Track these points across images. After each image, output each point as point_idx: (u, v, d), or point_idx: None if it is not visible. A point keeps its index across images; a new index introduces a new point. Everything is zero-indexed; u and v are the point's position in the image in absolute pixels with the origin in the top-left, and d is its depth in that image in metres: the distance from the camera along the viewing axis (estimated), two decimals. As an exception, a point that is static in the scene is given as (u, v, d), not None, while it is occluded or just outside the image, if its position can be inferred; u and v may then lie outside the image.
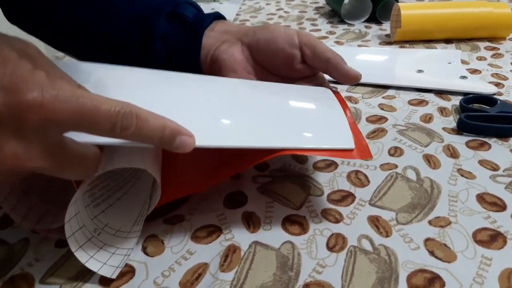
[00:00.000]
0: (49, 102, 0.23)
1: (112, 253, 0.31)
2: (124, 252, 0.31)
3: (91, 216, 0.32)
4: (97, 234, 0.31)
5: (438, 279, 0.29)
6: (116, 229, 0.32)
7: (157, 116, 0.27)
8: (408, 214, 0.35)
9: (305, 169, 0.41)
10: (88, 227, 0.31)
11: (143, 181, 0.36)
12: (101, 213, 0.33)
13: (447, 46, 0.70)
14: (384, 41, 0.74)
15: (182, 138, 0.28)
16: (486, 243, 0.31)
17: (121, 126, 0.25)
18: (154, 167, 0.32)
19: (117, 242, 0.31)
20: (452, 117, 0.49)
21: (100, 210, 0.33)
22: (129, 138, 0.26)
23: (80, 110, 0.24)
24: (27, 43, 0.27)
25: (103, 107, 0.25)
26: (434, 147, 0.43)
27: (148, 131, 0.26)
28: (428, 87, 0.55)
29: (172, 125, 0.28)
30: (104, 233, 0.31)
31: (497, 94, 0.53)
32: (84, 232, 0.30)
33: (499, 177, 0.38)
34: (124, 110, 0.25)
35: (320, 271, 0.30)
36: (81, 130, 0.25)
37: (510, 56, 0.64)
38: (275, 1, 1.04)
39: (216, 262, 0.31)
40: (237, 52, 0.43)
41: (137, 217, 0.33)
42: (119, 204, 0.34)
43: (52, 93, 0.23)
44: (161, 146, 0.28)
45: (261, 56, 0.43)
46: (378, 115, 0.50)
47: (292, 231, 0.34)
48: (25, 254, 0.33)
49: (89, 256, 0.30)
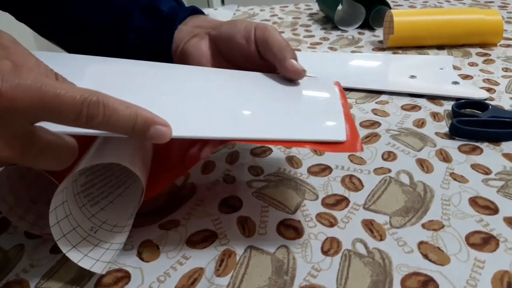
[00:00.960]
0: (9, 91, 0.22)
1: (106, 249, 0.30)
2: (116, 246, 0.31)
3: (88, 215, 0.31)
4: (93, 232, 0.31)
5: (431, 282, 0.29)
6: (113, 225, 0.32)
7: (129, 105, 0.26)
8: (402, 218, 0.35)
9: (299, 174, 0.41)
10: (83, 226, 0.30)
11: None
12: (100, 211, 0.32)
13: (439, 52, 0.71)
14: (377, 47, 0.75)
15: (157, 128, 0.26)
16: (479, 246, 0.32)
17: (87, 115, 0.24)
18: (140, 162, 0.31)
19: (112, 238, 0.31)
20: (444, 122, 0.49)
21: (99, 208, 0.33)
22: (97, 128, 0.25)
23: (41, 98, 0.23)
24: (0, 32, 0.27)
25: (67, 95, 0.24)
26: (427, 151, 0.44)
27: (118, 121, 0.25)
28: (421, 93, 0.56)
29: (145, 114, 0.26)
30: (101, 230, 0.31)
31: (489, 99, 0.53)
32: (78, 232, 0.30)
33: (491, 181, 0.39)
34: (90, 99, 0.24)
35: (315, 275, 0.30)
36: (45, 119, 0.24)
37: (501, 62, 0.65)
38: (269, 8, 1.04)
39: (211, 266, 0.31)
40: (204, 46, 0.43)
41: (132, 210, 0.33)
42: (120, 200, 0.34)
43: (12, 82, 0.23)
44: (134, 137, 0.27)
45: (224, 50, 0.42)
46: (371, 120, 0.50)
47: (287, 235, 0.34)
48: (20, 260, 0.33)
49: (82, 255, 0.29)
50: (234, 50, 0.41)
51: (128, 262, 0.32)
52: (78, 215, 0.31)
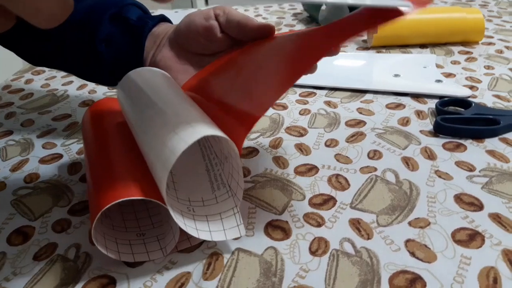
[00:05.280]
0: None
1: (220, 218, 0.32)
2: (230, 213, 0.32)
3: (175, 199, 0.32)
4: (193, 212, 0.32)
5: (419, 280, 0.29)
6: (201, 200, 0.33)
7: None
8: (389, 216, 0.35)
9: (286, 174, 0.41)
10: (184, 212, 0.31)
11: None
12: (176, 192, 0.33)
13: (422, 50, 0.71)
14: (361, 46, 0.75)
15: None
16: (465, 243, 0.32)
17: None
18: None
19: (213, 209, 0.32)
20: (428, 120, 0.50)
21: (174, 190, 0.33)
22: None
23: None
24: None
25: None
26: (412, 149, 0.44)
27: None
28: (405, 91, 0.56)
29: None
30: (196, 208, 0.32)
31: (472, 97, 0.54)
32: (188, 217, 0.31)
33: (476, 178, 0.39)
34: None
35: (303, 275, 0.30)
36: None
37: (483, 60, 0.66)
38: (254, 8, 1.04)
39: (199, 270, 0.31)
40: (166, 50, 0.44)
41: (209, 181, 0.34)
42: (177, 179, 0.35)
43: None
44: None
45: (184, 41, 0.44)
46: (357, 119, 0.51)
47: (274, 237, 0.34)
48: (2, 268, 0.32)
49: (208, 232, 0.31)
50: (194, 32, 0.42)
51: (113, 267, 0.31)
52: (176, 204, 0.32)
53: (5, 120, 0.56)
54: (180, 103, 0.33)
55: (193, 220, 0.31)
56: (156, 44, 0.45)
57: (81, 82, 0.67)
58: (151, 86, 0.36)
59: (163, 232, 0.33)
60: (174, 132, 0.29)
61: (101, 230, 0.31)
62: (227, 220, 0.32)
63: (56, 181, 0.42)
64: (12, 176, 0.43)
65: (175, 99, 0.33)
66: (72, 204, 0.39)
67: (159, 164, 0.28)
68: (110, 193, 0.29)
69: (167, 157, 0.28)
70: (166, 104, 0.32)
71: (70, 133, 0.51)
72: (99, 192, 0.30)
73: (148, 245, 0.32)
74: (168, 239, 0.32)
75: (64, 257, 0.33)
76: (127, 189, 0.30)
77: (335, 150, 0.44)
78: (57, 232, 0.35)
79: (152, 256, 0.32)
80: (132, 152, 0.34)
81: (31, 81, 0.69)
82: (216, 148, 0.34)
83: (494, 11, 0.91)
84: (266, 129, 0.49)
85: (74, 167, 0.44)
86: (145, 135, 0.32)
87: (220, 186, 0.33)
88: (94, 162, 0.35)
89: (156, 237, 0.33)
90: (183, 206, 0.32)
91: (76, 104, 0.60)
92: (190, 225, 0.30)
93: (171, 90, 0.35)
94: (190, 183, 0.34)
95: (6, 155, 0.48)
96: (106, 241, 0.31)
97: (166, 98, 0.33)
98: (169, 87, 0.36)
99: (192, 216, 0.31)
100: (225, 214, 0.32)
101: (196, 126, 0.29)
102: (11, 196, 0.40)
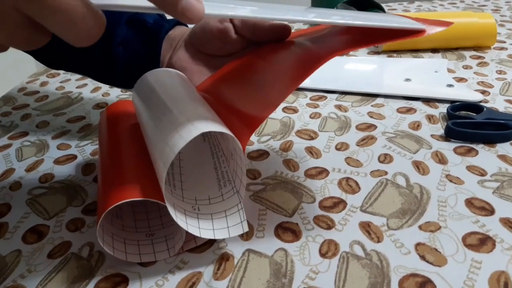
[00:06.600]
0: None
1: (225, 216, 0.32)
2: (234, 209, 0.32)
3: (181, 199, 0.32)
4: (198, 210, 0.32)
5: (429, 283, 0.29)
6: (207, 198, 0.33)
7: None
8: (399, 220, 0.35)
9: (296, 177, 0.41)
10: (187, 211, 0.31)
11: (191, 150, 0.36)
12: (183, 191, 0.33)
13: (433, 55, 0.71)
14: (372, 50, 0.76)
15: (189, 0, 0.24)
16: (476, 247, 0.32)
17: None
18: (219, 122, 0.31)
19: (219, 207, 0.32)
20: (439, 124, 0.50)
21: (180, 190, 0.33)
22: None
23: None
24: None
25: None
26: (422, 153, 0.44)
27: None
28: (416, 95, 0.56)
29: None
30: (202, 206, 0.32)
31: (483, 102, 0.54)
32: (191, 216, 0.31)
33: (487, 182, 0.39)
34: None
35: (313, 277, 0.30)
36: None
37: (495, 65, 0.66)
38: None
39: (209, 270, 0.31)
40: (182, 52, 0.45)
41: (216, 178, 0.34)
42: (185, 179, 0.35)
43: None
44: (165, 9, 0.24)
45: (199, 43, 0.44)
46: (367, 123, 0.51)
47: (285, 238, 0.34)
48: (17, 266, 0.33)
49: (211, 230, 0.31)
50: (209, 35, 0.43)
51: (126, 266, 0.32)
52: (180, 204, 0.32)
53: (21, 122, 0.57)
54: (188, 102, 0.33)
55: (196, 219, 0.31)
56: (173, 47, 0.46)
57: (95, 85, 0.68)
58: (163, 87, 0.36)
59: (172, 232, 0.33)
60: (175, 130, 0.29)
61: (110, 230, 0.32)
62: (232, 217, 0.32)
63: (70, 181, 0.43)
64: (28, 176, 0.44)
65: (184, 98, 0.34)
66: (86, 204, 0.39)
67: (161, 162, 0.29)
68: (113, 195, 0.30)
69: (167, 154, 0.28)
70: (174, 103, 0.33)
71: (84, 134, 0.52)
72: (104, 194, 0.31)
73: (155, 246, 0.32)
74: (176, 238, 0.32)
75: (78, 256, 0.33)
76: (128, 191, 0.30)
77: (346, 154, 0.45)
78: (71, 231, 0.36)
79: (159, 257, 0.32)
80: (142, 153, 0.35)
81: (46, 84, 0.71)
82: (223, 145, 0.35)
83: (506, 15, 0.91)
84: (277, 132, 0.50)
85: (88, 168, 0.45)
86: (152, 134, 0.32)
87: (227, 183, 0.33)
88: (103, 163, 0.36)
89: (164, 237, 0.33)
90: (188, 206, 0.32)
91: (90, 106, 0.61)
92: (193, 224, 0.31)
93: (182, 89, 0.36)
94: (198, 181, 0.35)
95: (22, 156, 0.49)
96: (114, 241, 0.31)
97: (175, 97, 0.34)
98: (181, 87, 0.36)
99: (196, 215, 0.32)
100: (229, 211, 0.32)
101: (196, 123, 0.29)
102: (27, 196, 0.41)
